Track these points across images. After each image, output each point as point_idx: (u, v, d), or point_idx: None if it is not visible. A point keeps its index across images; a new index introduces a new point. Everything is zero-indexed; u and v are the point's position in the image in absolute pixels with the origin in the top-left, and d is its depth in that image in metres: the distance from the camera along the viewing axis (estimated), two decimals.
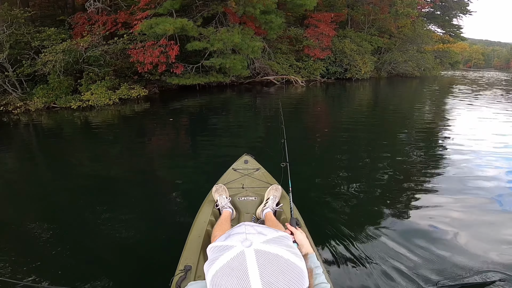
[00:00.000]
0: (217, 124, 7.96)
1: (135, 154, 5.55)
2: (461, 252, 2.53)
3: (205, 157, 5.22)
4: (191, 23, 10.98)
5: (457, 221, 3.03)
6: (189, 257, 1.67)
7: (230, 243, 0.58)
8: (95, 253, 2.61)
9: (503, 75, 40.49)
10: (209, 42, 11.59)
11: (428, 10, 26.61)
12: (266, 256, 0.54)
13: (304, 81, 16.67)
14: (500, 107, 10.42)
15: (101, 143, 6.44)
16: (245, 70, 13.68)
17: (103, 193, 3.84)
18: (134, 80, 12.26)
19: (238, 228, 0.64)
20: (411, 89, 18.30)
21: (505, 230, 2.91)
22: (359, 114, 9.61)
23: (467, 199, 3.50)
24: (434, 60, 26.91)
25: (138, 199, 3.67)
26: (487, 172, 4.34)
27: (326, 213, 3.17)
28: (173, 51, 10.98)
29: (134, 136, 7.11)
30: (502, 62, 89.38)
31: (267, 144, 5.60)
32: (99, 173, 4.53)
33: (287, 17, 18.97)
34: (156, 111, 9.93)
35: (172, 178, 4.28)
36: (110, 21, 12.49)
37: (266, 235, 0.60)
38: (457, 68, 47.67)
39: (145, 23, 10.57)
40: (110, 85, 10.92)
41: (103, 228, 2.99)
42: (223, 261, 0.55)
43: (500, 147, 5.53)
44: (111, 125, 7.96)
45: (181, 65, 11.87)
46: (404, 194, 3.66)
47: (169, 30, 10.30)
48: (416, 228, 2.89)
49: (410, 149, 5.52)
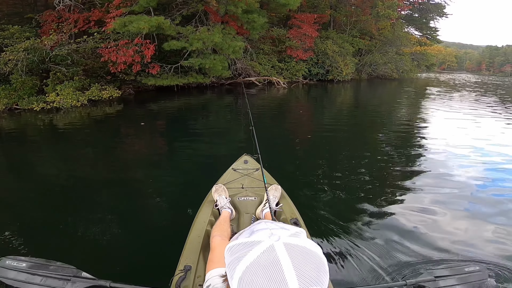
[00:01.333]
0: (195, 127, 7.43)
1: (107, 158, 5.13)
2: (430, 244, 2.58)
3: (183, 160, 4.93)
4: (168, 22, 10.23)
5: (430, 214, 3.09)
6: (189, 257, 1.65)
7: (257, 238, 0.56)
8: (95, 253, 2.52)
9: (474, 78, 42.54)
10: (188, 41, 10.87)
11: (407, 13, 26.78)
12: (295, 248, 0.54)
13: (286, 82, 16.18)
14: (470, 107, 11.06)
15: (68, 148, 5.75)
16: (226, 71, 13.03)
17: (82, 196, 3.60)
18: (107, 80, 11.36)
19: (259, 225, 0.62)
20: (390, 90, 18.46)
21: (478, 222, 3.01)
22: (341, 116, 9.52)
23: (441, 194, 3.60)
24: (411, 63, 27.25)
25: (123, 201, 3.50)
26: (459, 164, 4.62)
27: (307, 212, 3.06)
28: (149, 50, 10.20)
29: (104, 140, 6.45)
30: (474, 65, 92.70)
31: (249, 144, 5.18)
32: (75, 176, 4.19)
33: (271, 18, 18.50)
34: (129, 114, 9.19)
35: (160, 181, 4.05)
36: (82, 19, 11.63)
37: (289, 230, 0.59)
38: (432, 70, 48.82)
39: (118, 21, 9.73)
40: (79, 86, 10.05)
41: (101, 230, 2.85)
42: (253, 256, 0.53)
43: (469, 144, 5.81)
44: (79, 129, 7.20)
45: (157, 65, 11.09)
46: (382, 191, 3.73)
47: (143, 28, 9.53)
48: (392, 223, 2.92)
49: (388, 148, 5.71)
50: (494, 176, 4.23)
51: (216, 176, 2.61)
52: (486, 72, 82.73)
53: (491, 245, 2.62)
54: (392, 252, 2.44)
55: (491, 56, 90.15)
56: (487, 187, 3.87)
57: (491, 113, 9.71)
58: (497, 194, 3.66)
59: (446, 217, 3.05)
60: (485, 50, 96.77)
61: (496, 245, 2.61)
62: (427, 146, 5.72)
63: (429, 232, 2.75)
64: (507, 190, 3.84)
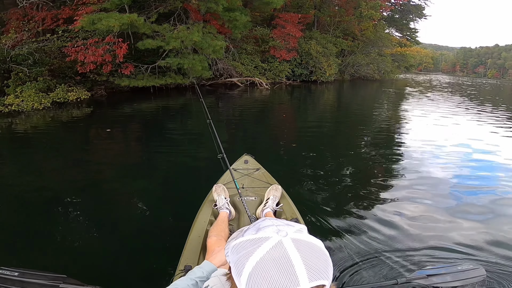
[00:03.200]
0: (173, 130, 6.81)
1: (76, 165, 4.58)
2: (422, 242, 2.55)
3: (159, 165, 4.59)
4: (142, 19, 9.31)
5: (422, 213, 3.09)
6: (189, 257, 1.65)
7: (265, 234, 0.56)
8: (95, 253, 2.43)
9: (449, 78, 44.85)
10: (164, 40, 9.97)
11: (388, 14, 26.67)
12: (303, 243, 0.54)
13: (269, 83, 15.47)
14: (446, 106, 11.85)
15: (31, 154, 5.03)
16: (206, 71, 12.17)
17: (57, 205, 3.25)
18: (77, 81, 10.33)
19: (264, 221, 0.61)
20: (372, 91, 18.34)
21: (468, 218, 3.02)
22: (324, 118, 9.24)
23: (421, 190, 3.62)
24: (392, 64, 27.23)
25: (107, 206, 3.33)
26: (437, 160, 4.78)
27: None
28: (121, 49, 9.25)
29: (71, 145, 5.77)
30: (449, 66, 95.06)
31: (232, 149, 4.69)
32: (44, 186, 3.74)
33: (255, 17, 17.73)
34: (98, 117, 8.34)
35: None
36: (49, 17, 10.56)
37: (294, 226, 0.59)
38: (410, 71, 49.61)
39: (86, 18, 8.73)
40: (44, 87, 9.05)
41: (100, 230, 2.76)
42: (263, 252, 0.52)
43: (446, 141, 6.01)
44: (42, 134, 6.42)
45: (131, 65, 10.14)
46: (365, 188, 3.72)
47: (113, 26, 8.58)
48: (382, 221, 2.87)
49: (370, 147, 5.81)
50: (479, 172, 4.41)
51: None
52: (460, 73, 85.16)
53: (483, 242, 2.58)
54: (384, 251, 2.40)
55: (465, 57, 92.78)
56: (474, 183, 3.96)
57: (464, 113, 10.36)
58: (487, 191, 3.70)
59: (438, 215, 3.02)
60: (459, 52, 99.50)
61: (487, 241, 2.59)
62: (407, 144, 5.93)
63: (420, 231, 2.72)
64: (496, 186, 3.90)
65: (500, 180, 4.12)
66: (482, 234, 2.68)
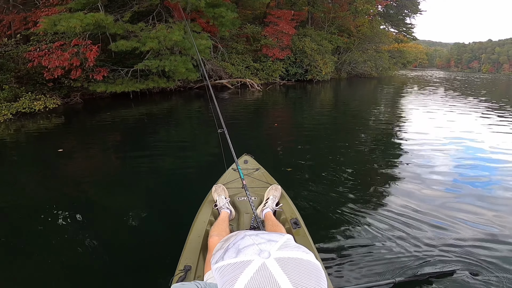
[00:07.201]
0: (154, 141, 5.84)
1: (47, 179, 4.06)
2: (421, 241, 2.35)
3: (141, 177, 4.02)
4: (111, 18, 8.05)
5: (409, 209, 2.88)
6: (189, 257, 1.58)
7: (246, 258, 0.51)
8: (94, 254, 2.30)
9: (444, 74, 44.24)
10: (140, 41, 8.73)
11: (383, 10, 25.36)
12: (289, 262, 0.50)
13: (261, 84, 14.12)
14: (443, 101, 11.39)
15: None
16: (193, 73, 10.83)
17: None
18: (49, 88, 9.11)
19: (243, 240, 0.55)
20: (370, 89, 17.06)
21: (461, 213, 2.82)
22: (322, 121, 8.06)
23: (421, 189, 3.38)
24: (389, 60, 25.97)
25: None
26: (437, 159, 4.46)
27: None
28: (92, 52, 8.01)
29: (40, 159, 4.96)
30: (444, 62, 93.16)
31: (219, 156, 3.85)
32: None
33: (246, 15, 16.44)
34: (70, 127, 7.24)
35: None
36: (18, 20, 9.41)
37: (277, 241, 0.54)
38: (406, 68, 48.40)
39: (47, 20, 7.50)
40: (11, 96, 7.89)
41: (100, 230, 2.60)
42: (246, 278, 0.48)
43: (445, 136, 5.77)
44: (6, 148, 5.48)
45: (104, 69, 8.89)
46: (364, 188, 3.48)
47: (75, 27, 7.33)
48: (379, 220, 2.67)
49: (370, 147, 5.47)
50: (478, 168, 4.10)
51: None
52: (455, 69, 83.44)
53: (484, 242, 2.37)
54: (383, 250, 2.25)
55: (459, 53, 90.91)
56: (477, 179, 3.72)
57: (467, 109, 9.63)
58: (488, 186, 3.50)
59: (438, 214, 2.81)
60: (453, 47, 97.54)
61: (489, 241, 2.38)
62: (408, 142, 5.57)
63: (418, 230, 2.52)
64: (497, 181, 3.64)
65: (503, 179, 3.81)
66: (483, 234, 2.50)
